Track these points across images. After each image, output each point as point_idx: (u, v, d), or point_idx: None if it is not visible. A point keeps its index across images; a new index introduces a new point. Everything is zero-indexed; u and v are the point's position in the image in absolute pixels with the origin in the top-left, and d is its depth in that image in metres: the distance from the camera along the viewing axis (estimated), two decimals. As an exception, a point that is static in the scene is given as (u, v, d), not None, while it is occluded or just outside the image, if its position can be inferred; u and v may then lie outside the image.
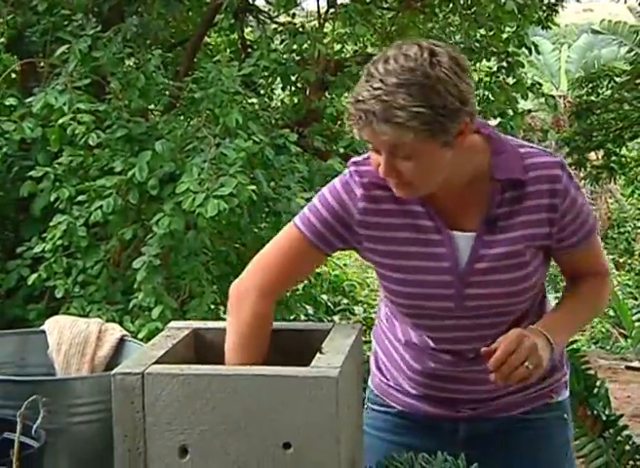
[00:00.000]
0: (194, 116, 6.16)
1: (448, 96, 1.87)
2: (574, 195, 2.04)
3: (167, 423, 1.77)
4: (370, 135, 1.90)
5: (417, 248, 2.03)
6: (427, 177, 1.95)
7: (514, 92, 7.51)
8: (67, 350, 2.27)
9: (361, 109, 1.87)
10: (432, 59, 1.87)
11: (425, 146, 1.88)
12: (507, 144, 2.07)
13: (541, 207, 2.02)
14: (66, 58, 5.68)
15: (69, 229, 5.44)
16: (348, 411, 1.85)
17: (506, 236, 2.02)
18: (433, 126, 1.86)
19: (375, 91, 1.86)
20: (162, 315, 5.22)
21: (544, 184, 2.01)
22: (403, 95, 1.84)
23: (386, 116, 1.85)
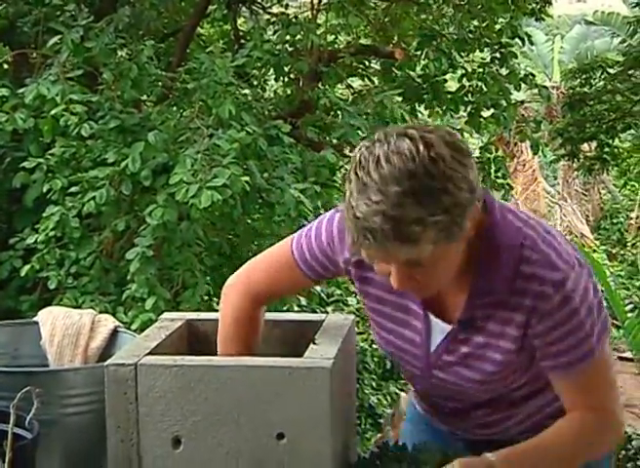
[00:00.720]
0: (187, 107, 6.15)
1: (458, 192, 1.64)
2: (559, 319, 1.77)
3: (160, 414, 1.77)
4: (379, 255, 1.67)
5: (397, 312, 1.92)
6: (445, 276, 1.77)
7: (507, 83, 7.51)
8: (60, 341, 2.26)
9: (365, 228, 1.61)
10: (431, 154, 1.63)
11: (444, 250, 1.68)
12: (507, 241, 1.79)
13: (515, 322, 1.80)
14: (58, 48, 5.66)
15: (62, 220, 5.43)
16: (341, 402, 1.85)
17: (479, 339, 1.85)
18: (451, 229, 1.65)
19: (376, 205, 1.60)
20: (155, 306, 5.22)
21: (528, 299, 1.78)
22: (412, 206, 1.60)
23: (399, 235, 1.61)
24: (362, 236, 1.63)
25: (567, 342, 1.79)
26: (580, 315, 1.78)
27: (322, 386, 1.74)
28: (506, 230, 1.80)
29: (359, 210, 1.62)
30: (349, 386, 2.00)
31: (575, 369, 1.81)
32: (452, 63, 7.39)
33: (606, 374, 1.88)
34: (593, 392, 1.85)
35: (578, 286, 1.78)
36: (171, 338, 1.98)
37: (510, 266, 1.77)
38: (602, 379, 1.87)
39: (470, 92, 7.49)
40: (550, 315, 1.77)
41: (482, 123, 7.57)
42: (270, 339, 2.07)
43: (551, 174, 18.76)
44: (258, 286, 2.04)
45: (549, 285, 1.76)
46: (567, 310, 1.77)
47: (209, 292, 5.90)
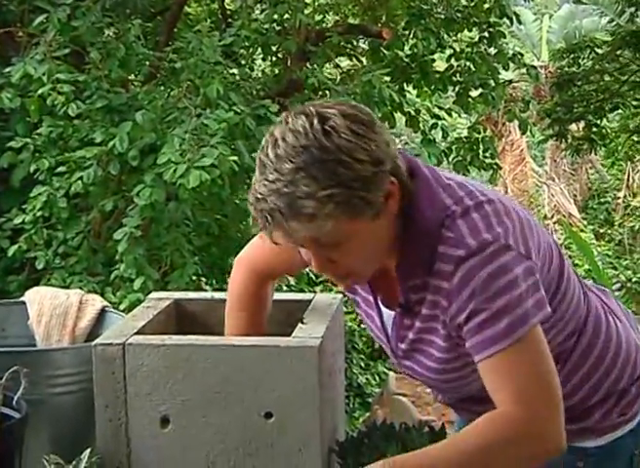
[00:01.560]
0: (175, 87, 6.13)
1: (357, 164, 1.58)
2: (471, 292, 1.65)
3: (148, 394, 1.77)
4: (284, 235, 1.61)
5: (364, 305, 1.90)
6: (366, 259, 1.69)
7: (496, 62, 7.50)
8: (48, 321, 2.26)
9: (264, 209, 1.59)
10: (325, 127, 1.58)
11: (352, 227, 1.61)
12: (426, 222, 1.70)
13: (440, 305, 1.71)
14: (45, 27, 5.63)
15: (49, 200, 5.42)
16: (330, 380, 1.85)
17: (420, 324, 1.78)
18: (352, 204, 1.58)
19: (272, 184, 1.58)
20: (143, 286, 5.21)
21: (442, 281, 1.69)
22: (305, 180, 1.56)
23: (293, 212, 1.57)
24: (262, 218, 1.60)
25: (480, 319, 1.64)
26: (496, 282, 1.64)
27: (310, 365, 1.74)
28: (430, 206, 1.70)
29: (259, 191, 1.60)
30: (338, 365, 2.00)
31: (490, 351, 1.64)
32: (440, 43, 7.37)
33: (534, 363, 1.66)
34: (519, 386, 1.64)
35: (488, 262, 1.64)
36: (158, 318, 1.98)
37: (430, 248, 1.69)
38: (529, 369, 1.65)
39: (459, 71, 7.48)
40: (458, 290, 1.65)
41: (470, 103, 7.56)
42: (258, 319, 2.06)
43: (539, 153, 18.78)
44: (262, 262, 2.00)
45: (452, 262, 1.66)
46: (476, 282, 1.64)
47: (197, 272, 5.90)
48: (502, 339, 1.63)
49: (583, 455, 1.89)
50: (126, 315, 2.14)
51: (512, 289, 1.64)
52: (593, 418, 1.88)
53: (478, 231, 1.66)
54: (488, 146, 7.63)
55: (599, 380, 1.88)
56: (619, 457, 1.91)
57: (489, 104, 7.65)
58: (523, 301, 1.64)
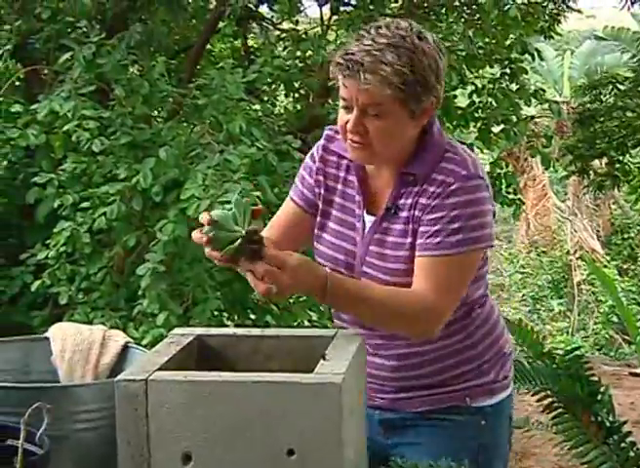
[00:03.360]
0: (198, 123, 6.16)
1: (428, 69, 2.06)
2: (449, 203, 2.10)
3: (170, 430, 1.77)
4: (351, 85, 2.05)
5: (341, 214, 2.26)
6: (387, 143, 2.11)
7: (518, 98, 7.51)
8: (71, 357, 2.27)
9: (350, 60, 2.03)
10: (420, 35, 2.08)
11: (396, 109, 2.06)
12: (438, 145, 2.18)
13: (420, 205, 2.14)
14: (70, 64, 5.69)
15: (73, 236, 5.44)
16: (351, 417, 1.85)
17: (398, 227, 2.17)
18: (410, 90, 2.04)
19: (365, 46, 2.03)
20: (167, 321, 5.21)
21: (433, 187, 2.13)
22: (391, 53, 2.02)
23: (373, 68, 2.02)
24: (345, 67, 2.04)
25: (442, 226, 2.09)
26: (465, 210, 2.10)
27: (332, 402, 1.74)
28: (441, 134, 2.20)
29: (351, 49, 2.05)
30: (359, 401, 2.00)
31: (434, 253, 2.09)
32: (462, 79, 7.39)
33: (459, 276, 2.13)
34: (440, 283, 2.08)
35: (476, 191, 2.12)
36: (181, 354, 1.98)
37: (433, 162, 2.14)
38: (453, 278, 2.12)
39: (480, 107, 7.49)
40: (443, 198, 2.10)
41: (492, 138, 7.56)
42: (280, 355, 2.06)
43: (561, 189, 18.74)
44: (270, 235, 2.23)
45: (454, 176, 2.11)
46: (458, 199, 2.10)
47: (219, 308, 5.90)
48: (445, 249, 2.09)
49: (484, 414, 2.28)
50: (148, 351, 2.15)
51: (478, 216, 2.11)
52: (490, 376, 2.29)
53: (474, 163, 2.15)
54: (510, 182, 7.62)
55: (494, 341, 2.32)
56: (504, 416, 2.36)
57: (511, 140, 7.64)
58: (480, 229, 2.11)
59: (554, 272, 16.61)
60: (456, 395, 2.25)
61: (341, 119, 2.13)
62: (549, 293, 16.33)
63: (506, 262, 17.11)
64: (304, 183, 2.33)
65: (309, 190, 2.32)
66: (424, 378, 2.23)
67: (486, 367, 2.29)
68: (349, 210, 2.24)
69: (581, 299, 15.73)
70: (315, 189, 2.30)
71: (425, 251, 2.10)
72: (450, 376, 2.26)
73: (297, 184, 2.36)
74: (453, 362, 2.26)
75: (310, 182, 2.31)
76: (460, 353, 2.26)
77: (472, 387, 2.27)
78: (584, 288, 15.78)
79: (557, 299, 16.20)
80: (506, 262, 17.11)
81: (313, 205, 2.32)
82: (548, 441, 5.23)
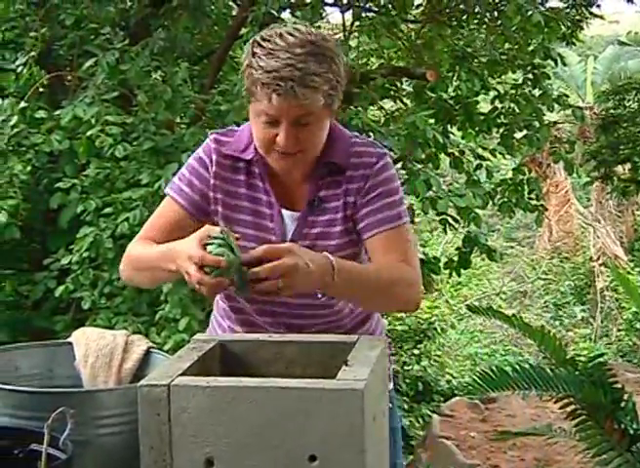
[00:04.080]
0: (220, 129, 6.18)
1: (340, 67, 2.13)
2: (381, 180, 2.21)
3: (193, 435, 1.77)
4: (283, 101, 2.04)
5: (252, 218, 2.25)
6: (316, 146, 2.17)
7: (540, 104, 7.49)
8: (94, 362, 2.28)
9: (277, 78, 2.03)
10: (323, 36, 2.13)
11: (324, 113, 2.13)
12: (342, 132, 2.27)
13: (351, 190, 2.21)
14: (94, 71, 5.72)
15: (96, 241, 5.46)
16: (374, 423, 1.84)
17: (325, 218, 2.22)
18: (334, 93, 2.12)
19: (285, 60, 2.03)
20: (188, 326, 5.23)
21: (360, 170, 2.22)
22: (313, 63, 2.05)
23: (305, 81, 2.04)
24: (275, 85, 2.03)
25: (383, 202, 2.20)
26: (395, 183, 2.25)
27: (354, 408, 1.73)
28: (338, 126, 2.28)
29: (270, 66, 2.03)
30: (382, 408, 1.99)
31: (386, 227, 2.19)
32: (484, 85, 7.38)
33: (411, 245, 2.25)
34: (402, 251, 2.19)
35: (392, 165, 2.26)
36: (203, 359, 1.98)
37: (345, 149, 2.23)
38: (409, 247, 2.23)
39: (503, 113, 7.48)
40: (373, 177, 2.21)
41: (515, 144, 7.54)
42: (302, 360, 2.07)
43: (584, 195, 18.66)
44: (151, 236, 2.28)
45: (374, 156, 2.24)
46: (386, 175, 2.23)
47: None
48: (394, 221, 2.20)
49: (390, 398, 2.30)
50: (171, 356, 2.16)
51: (400, 191, 2.26)
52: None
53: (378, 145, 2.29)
54: (533, 188, 7.59)
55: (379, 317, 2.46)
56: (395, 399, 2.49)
57: (533, 146, 7.61)
58: (403, 202, 2.26)
59: (577, 278, 16.54)
60: None
61: (264, 132, 2.13)
62: (572, 300, 16.25)
63: (529, 268, 17.04)
64: (194, 188, 2.29)
65: (200, 195, 2.29)
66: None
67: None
68: (260, 212, 2.26)
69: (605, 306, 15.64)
70: (210, 193, 2.28)
71: (375, 228, 2.19)
72: None
73: (182, 188, 2.31)
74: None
75: (201, 188, 2.29)
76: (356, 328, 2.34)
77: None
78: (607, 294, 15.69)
79: (580, 306, 16.12)
80: (529, 268, 17.04)
81: (200, 209, 2.30)
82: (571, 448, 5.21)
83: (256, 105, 2.12)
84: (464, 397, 8.22)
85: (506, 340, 14.06)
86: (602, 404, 3.66)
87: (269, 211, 2.25)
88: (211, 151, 2.30)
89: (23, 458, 1.83)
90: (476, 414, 7.96)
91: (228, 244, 1.97)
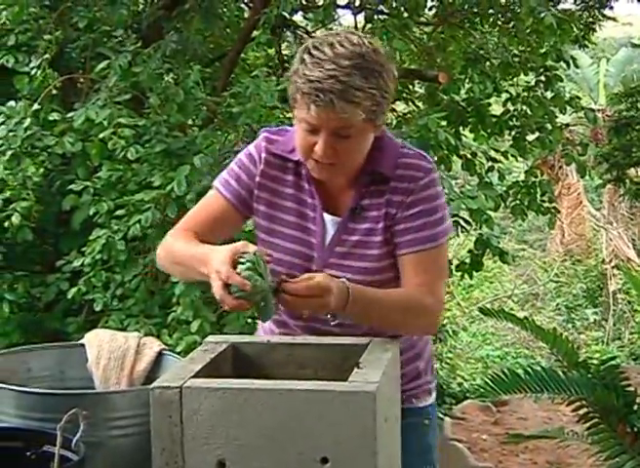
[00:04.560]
0: (232, 131, 6.19)
1: (389, 82, 2.12)
2: (424, 196, 2.19)
3: (204, 437, 1.78)
4: (323, 113, 2.05)
5: (295, 219, 2.26)
6: (355, 159, 2.17)
7: (552, 106, 7.47)
8: (106, 364, 2.28)
9: (318, 89, 2.02)
10: (374, 48, 2.11)
11: (366, 127, 2.12)
12: (391, 142, 2.26)
13: (393, 202, 2.20)
14: (106, 73, 5.73)
15: (108, 243, 5.47)
16: (386, 426, 1.84)
17: (365, 226, 2.21)
18: (378, 108, 2.10)
19: (329, 71, 2.03)
20: (200, 328, 5.24)
21: (405, 183, 2.20)
22: (358, 77, 2.04)
23: (346, 96, 2.03)
24: (314, 96, 2.03)
25: (422, 220, 2.18)
26: (437, 201, 2.22)
27: (366, 410, 1.73)
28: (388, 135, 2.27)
29: (313, 75, 2.03)
30: (394, 411, 1.99)
31: (419, 248, 2.17)
32: (496, 87, 7.37)
33: (444, 265, 2.27)
34: (429, 276, 2.17)
35: (438, 182, 2.24)
36: (215, 361, 1.99)
37: (392, 159, 2.21)
38: (441, 269, 2.23)
39: (515, 116, 7.46)
40: (417, 192, 2.18)
41: (527, 147, 7.52)
42: (314, 363, 2.07)
43: (596, 197, 18.60)
44: (193, 227, 2.30)
45: (422, 170, 2.21)
46: (430, 192, 2.20)
47: (253, 315, 5.91)
48: (429, 243, 2.18)
49: (427, 414, 2.39)
50: (183, 358, 2.16)
51: (445, 207, 2.24)
52: (428, 377, 2.39)
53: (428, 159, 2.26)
54: (545, 190, 7.57)
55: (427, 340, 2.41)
56: (436, 415, 2.47)
57: (546, 148, 7.60)
58: (446, 220, 2.23)
59: (589, 281, 16.49)
60: (402, 397, 2.24)
61: (304, 140, 2.14)
62: (584, 303, 16.20)
63: (541, 271, 16.99)
64: (240, 183, 2.32)
65: (246, 190, 2.31)
66: None
67: (422, 366, 2.37)
68: (304, 214, 2.26)
69: (617, 309, 15.59)
70: (255, 191, 2.30)
71: (410, 247, 2.18)
72: None
73: (229, 181, 2.33)
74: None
75: (248, 183, 2.30)
76: (404, 352, 2.27)
77: (415, 387, 2.35)
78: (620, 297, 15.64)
79: (592, 309, 16.06)
80: (541, 271, 16.99)
81: (245, 204, 2.32)
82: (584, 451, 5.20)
83: (298, 112, 2.13)
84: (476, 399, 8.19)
85: (518, 343, 14.02)
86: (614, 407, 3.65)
87: (313, 213, 2.25)
88: (261, 149, 2.31)
89: (36, 460, 1.83)
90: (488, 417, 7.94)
91: (257, 268, 1.98)
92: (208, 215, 2.35)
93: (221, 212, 2.33)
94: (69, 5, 6.28)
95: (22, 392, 2.04)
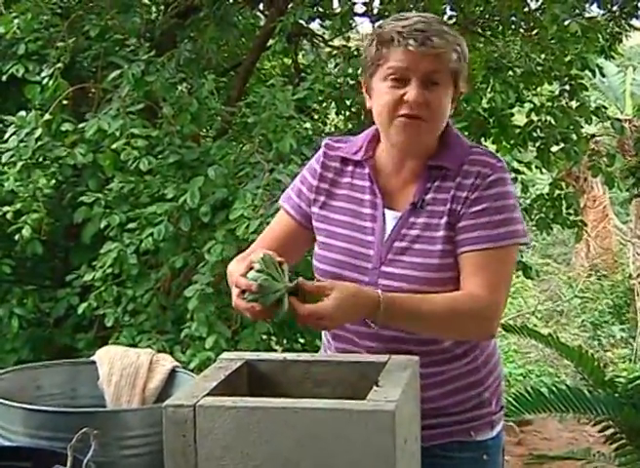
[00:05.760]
0: (247, 141, 6.20)
1: (464, 56, 2.20)
2: (491, 194, 2.17)
3: (219, 457, 1.78)
4: (414, 54, 2.11)
5: (349, 218, 2.27)
6: (439, 117, 2.19)
7: (577, 116, 7.45)
8: (118, 381, 2.29)
9: (411, 28, 2.11)
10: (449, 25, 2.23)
11: (449, 80, 2.17)
12: (460, 139, 2.27)
13: (458, 198, 2.18)
14: (119, 82, 5.76)
15: (120, 257, 5.48)
16: (405, 445, 1.84)
17: (427, 221, 2.20)
18: (461, 62, 2.17)
19: (418, 18, 2.15)
20: (216, 344, 5.24)
21: (471, 179, 2.18)
22: (444, 26, 2.17)
23: (440, 33, 2.12)
24: (409, 35, 2.10)
25: (487, 218, 2.15)
26: (506, 201, 2.19)
27: (385, 430, 1.73)
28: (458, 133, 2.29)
29: (401, 24, 2.13)
30: (413, 431, 1.99)
31: (481, 246, 2.14)
32: (519, 97, 7.36)
33: (507, 270, 2.20)
34: (491, 279, 2.12)
35: (510, 183, 2.22)
36: (230, 379, 1.99)
37: (460, 155, 2.21)
38: (503, 272, 2.17)
39: (539, 126, 7.44)
40: (483, 189, 2.16)
41: (552, 158, 7.49)
42: (331, 381, 2.06)
43: (623, 210, 18.53)
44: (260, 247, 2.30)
45: (490, 167, 2.19)
46: (498, 190, 2.18)
47: (268, 331, 5.91)
48: (493, 242, 2.14)
49: (486, 448, 2.29)
50: (196, 375, 2.16)
51: (515, 210, 2.19)
52: (491, 407, 2.30)
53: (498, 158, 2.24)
54: (571, 203, 7.54)
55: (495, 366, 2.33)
56: (501, 449, 2.36)
57: (571, 159, 7.56)
58: (519, 222, 2.19)
59: (615, 297, 16.41)
60: (460, 429, 2.25)
61: (392, 93, 2.16)
62: (610, 319, 16.13)
63: (565, 286, 16.93)
64: (302, 197, 2.36)
65: (307, 204, 2.34)
66: (425, 403, 2.14)
67: (487, 395, 2.30)
68: (359, 213, 2.27)
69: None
70: (312, 196, 2.33)
71: (471, 245, 2.15)
72: (453, 402, 2.26)
73: (292, 197, 2.38)
74: (454, 387, 2.26)
75: (308, 196, 2.34)
76: (464, 377, 2.27)
77: (475, 418, 2.27)
78: (647, 313, 15.56)
79: (619, 325, 15.98)
80: (565, 286, 16.93)
81: (308, 219, 2.35)
82: (610, 473, 5.16)
83: (383, 70, 2.17)
84: (499, 419, 8.16)
85: (542, 361, 13.96)
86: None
87: (371, 211, 2.25)
88: (320, 157, 2.36)
89: (46, 480, 1.84)
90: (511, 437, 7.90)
91: (264, 269, 2.00)
92: (274, 235, 2.38)
93: (288, 230, 2.37)
94: (81, 13, 6.32)
95: (32, 410, 2.05)
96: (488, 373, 2.33)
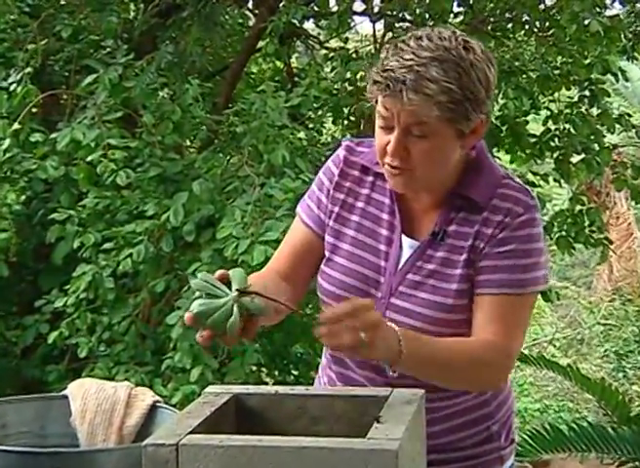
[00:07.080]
0: (235, 153, 6.22)
1: (477, 82, 2.08)
2: (520, 235, 2.15)
3: (204, 502, 1.77)
4: (393, 104, 2.07)
5: (363, 236, 2.26)
6: (431, 167, 2.14)
7: (599, 124, 7.47)
8: (93, 418, 2.29)
9: (390, 78, 2.05)
10: (466, 45, 2.09)
11: (443, 129, 2.08)
12: (492, 169, 2.24)
13: (483, 235, 2.17)
14: (94, 88, 5.76)
15: (95, 280, 5.48)
16: (410, 490, 1.84)
17: (445, 255, 2.19)
18: (458, 108, 2.06)
19: (406, 61, 2.05)
20: (201, 377, 5.23)
21: (500, 216, 2.17)
22: (436, 68, 2.04)
23: (417, 86, 2.03)
24: (385, 85, 2.05)
25: (512, 262, 2.14)
26: (535, 244, 2.18)
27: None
28: (490, 160, 2.25)
29: (390, 65, 2.06)
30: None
31: (502, 291, 2.13)
32: (534, 104, 7.38)
33: (526, 317, 2.21)
34: (507, 326, 2.13)
35: (540, 224, 2.20)
36: (216, 415, 1.99)
37: (490, 187, 2.19)
38: (521, 318, 2.19)
39: (557, 135, 7.46)
40: (512, 229, 2.15)
41: (571, 170, 7.49)
42: (328, 416, 2.06)
43: (650, 228, 18.57)
44: (276, 266, 2.32)
45: (522, 205, 2.17)
46: (528, 231, 2.17)
47: (258, 361, 5.90)
48: (514, 288, 2.13)
49: None
50: (179, 411, 2.16)
51: (543, 254, 2.18)
52: (500, 441, 2.32)
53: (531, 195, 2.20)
54: (594, 219, 7.51)
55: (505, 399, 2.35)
56: None
57: (592, 171, 7.55)
58: (544, 267, 2.19)
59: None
60: (467, 465, 2.26)
61: (380, 140, 2.14)
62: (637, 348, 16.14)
63: (586, 312, 16.94)
64: (321, 206, 2.34)
65: (325, 213, 2.32)
66: (433, 439, 2.14)
67: (495, 428, 2.32)
68: (376, 233, 2.25)
69: (674, 355, 15.52)
70: (328, 206, 2.32)
71: (491, 288, 2.14)
72: (460, 437, 2.28)
73: (309, 205, 2.36)
74: (463, 421, 2.28)
75: (326, 205, 2.32)
76: (473, 411, 2.28)
77: (483, 454, 2.30)
78: (678, 342, 15.58)
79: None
80: (586, 312, 16.94)
81: (320, 223, 2.34)
82: (637, 518, 5.15)
83: (377, 107, 2.16)
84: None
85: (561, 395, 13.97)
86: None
87: (387, 232, 2.24)
88: (340, 161, 2.33)
89: (12, 527, 1.83)
90: (527, 480, 7.89)
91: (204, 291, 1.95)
92: (290, 248, 2.37)
93: (305, 240, 2.35)
94: (52, 12, 6.34)
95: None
96: (498, 406, 2.34)
